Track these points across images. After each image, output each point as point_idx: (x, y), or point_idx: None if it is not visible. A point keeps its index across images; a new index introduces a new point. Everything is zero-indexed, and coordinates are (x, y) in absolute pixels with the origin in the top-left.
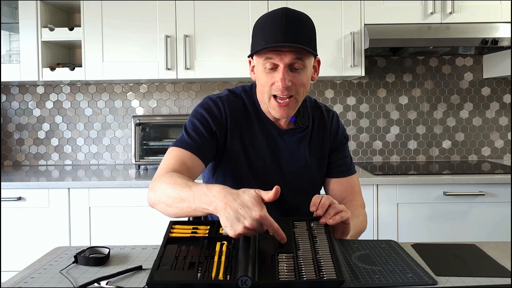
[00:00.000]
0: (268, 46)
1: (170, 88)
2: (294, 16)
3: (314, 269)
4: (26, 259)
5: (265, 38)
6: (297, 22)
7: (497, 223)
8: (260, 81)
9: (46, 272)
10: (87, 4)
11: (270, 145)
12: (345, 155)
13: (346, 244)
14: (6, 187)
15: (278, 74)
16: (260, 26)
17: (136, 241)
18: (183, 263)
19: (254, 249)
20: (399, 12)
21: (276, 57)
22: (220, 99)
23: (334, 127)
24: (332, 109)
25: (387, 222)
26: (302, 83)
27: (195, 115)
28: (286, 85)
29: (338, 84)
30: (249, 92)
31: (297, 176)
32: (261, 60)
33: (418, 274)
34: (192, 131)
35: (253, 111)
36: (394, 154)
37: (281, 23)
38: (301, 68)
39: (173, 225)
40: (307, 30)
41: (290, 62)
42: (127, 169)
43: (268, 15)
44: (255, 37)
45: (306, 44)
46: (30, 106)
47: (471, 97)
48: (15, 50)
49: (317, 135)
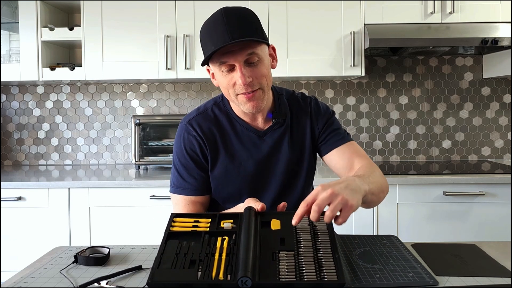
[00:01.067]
0: (217, 48)
1: (170, 88)
2: (234, 12)
3: (315, 269)
4: (26, 259)
5: (213, 42)
6: (238, 17)
7: (497, 223)
8: (222, 85)
9: (46, 272)
10: (87, 4)
11: (252, 150)
12: (335, 127)
13: (346, 240)
14: (6, 187)
15: (237, 73)
16: (205, 33)
17: (136, 241)
18: (184, 261)
19: (255, 246)
20: (399, 12)
21: (229, 58)
22: (190, 124)
23: (314, 110)
24: (309, 95)
25: (387, 222)
26: (262, 74)
27: (178, 154)
28: (247, 82)
29: (338, 84)
30: (221, 104)
31: (286, 173)
32: (216, 65)
33: (419, 273)
34: (185, 172)
35: (227, 121)
36: (394, 154)
37: (224, 23)
38: (257, 60)
39: (174, 218)
40: (250, 22)
41: (244, 58)
42: (127, 169)
43: (209, 20)
44: (203, 45)
45: (253, 35)
46: (30, 106)
47: (471, 97)
48: (15, 50)
49: (297, 125)
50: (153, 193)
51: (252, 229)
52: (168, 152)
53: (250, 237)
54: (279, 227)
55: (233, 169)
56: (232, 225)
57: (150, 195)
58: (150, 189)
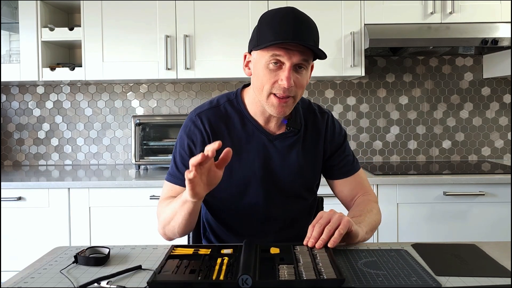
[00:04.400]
0: (278, 41)
1: (170, 88)
2: (303, 16)
3: (314, 273)
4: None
5: (274, 33)
6: (306, 23)
7: (497, 223)
8: (261, 77)
9: (46, 272)
10: (87, 4)
11: (260, 152)
12: (346, 154)
13: (354, 252)
14: (6, 187)
15: (284, 73)
16: (268, 21)
17: (136, 241)
18: (184, 270)
19: (255, 257)
20: (399, 12)
21: (284, 55)
22: (199, 117)
23: (330, 129)
24: (326, 109)
25: (387, 222)
26: (302, 85)
27: (180, 143)
28: (290, 85)
29: (338, 84)
30: (234, 101)
31: (290, 181)
32: (266, 55)
33: (422, 277)
34: (181, 163)
35: (239, 120)
36: (394, 154)
37: (292, 21)
38: (305, 69)
39: (174, 248)
40: (314, 33)
41: (297, 62)
42: (127, 169)
43: (277, 12)
44: (262, 31)
45: (316, 46)
46: (30, 106)
47: (471, 97)
48: (15, 50)
49: (310, 138)
50: (153, 193)
51: (253, 250)
52: (168, 152)
53: (251, 251)
54: (278, 251)
55: (239, 168)
56: (231, 250)
57: (150, 195)
58: (150, 189)
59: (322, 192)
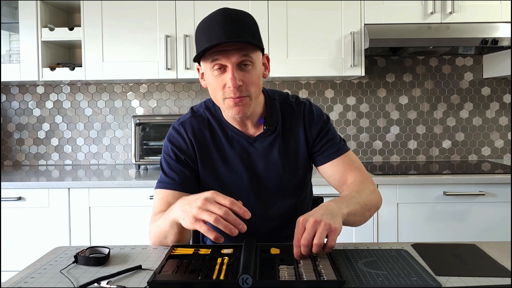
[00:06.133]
0: (212, 45)
1: (170, 88)
2: (234, 14)
3: (314, 274)
4: (26, 259)
5: (207, 40)
6: (237, 19)
7: (497, 223)
8: (211, 85)
9: (46, 272)
10: (87, 4)
11: (242, 156)
12: (330, 137)
13: (354, 252)
14: (6, 187)
15: (228, 75)
16: (201, 30)
17: (136, 241)
18: (185, 270)
19: (255, 257)
20: (399, 12)
21: (222, 57)
22: (183, 126)
23: (308, 117)
24: (304, 99)
25: (387, 222)
26: (252, 81)
27: (165, 151)
28: (237, 85)
29: (338, 84)
30: (212, 108)
31: (277, 181)
32: (208, 64)
33: (422, 277)
34: (167, 168)
35: (218, 126)
36: (394, 154)
37: (222, 23)
38: (250, 64)
39: (174, 248)
40: (249, 26)
41: (237, 60)
42: (127, 169)
43: (207, 18)
44: (197, 42)
45: (250, 39)
46: (30, 106)
47: (471, 97)
48: (15, 50)
49: (289, 132)
50: (153, 193)
51: (253, 250)
52: None
53: (251, 250)
54: (278, 252)
55: (227, 173)
56: (232, 250)
57: (150, 195)
58: (150, 189)
59: (322, 192)
